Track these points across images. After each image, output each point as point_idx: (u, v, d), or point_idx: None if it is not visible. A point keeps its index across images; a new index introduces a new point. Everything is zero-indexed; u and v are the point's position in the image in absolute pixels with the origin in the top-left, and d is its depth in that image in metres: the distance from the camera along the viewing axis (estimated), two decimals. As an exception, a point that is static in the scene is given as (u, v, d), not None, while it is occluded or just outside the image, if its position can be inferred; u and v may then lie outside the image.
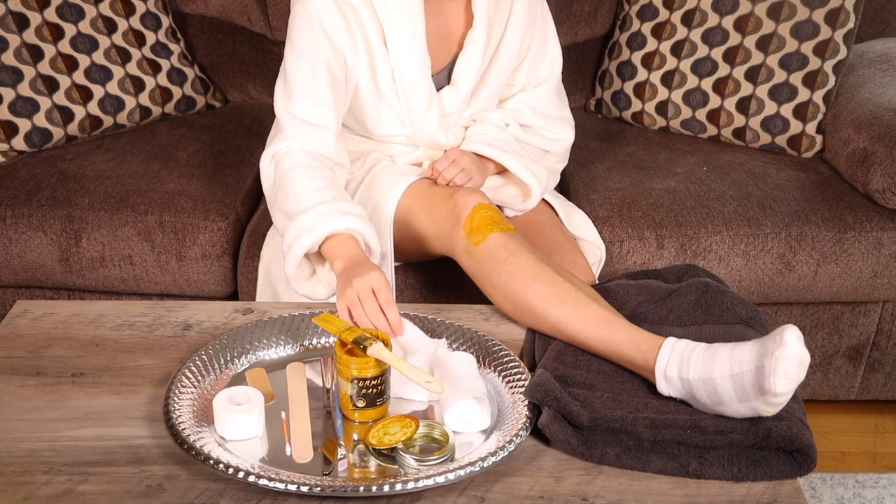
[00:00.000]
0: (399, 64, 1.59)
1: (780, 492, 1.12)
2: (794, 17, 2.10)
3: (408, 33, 1.57)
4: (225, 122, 2.28)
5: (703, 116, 2.19)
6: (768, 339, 1.16)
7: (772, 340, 1.15)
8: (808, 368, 1.81)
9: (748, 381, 1.15)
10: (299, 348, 1.38)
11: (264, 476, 1.09)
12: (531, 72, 1.76)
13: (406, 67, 1.59)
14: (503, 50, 1.68)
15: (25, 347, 1.38)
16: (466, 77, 1.66)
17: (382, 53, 1.58)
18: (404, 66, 1.59)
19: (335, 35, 1.53)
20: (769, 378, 1.13)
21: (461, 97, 1.67)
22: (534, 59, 1.74)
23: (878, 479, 1.95)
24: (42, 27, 2.06)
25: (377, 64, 1.59)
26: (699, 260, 1.88)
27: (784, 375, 1.12)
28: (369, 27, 1.56)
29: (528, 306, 1.38)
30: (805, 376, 1.17)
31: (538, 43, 1.73)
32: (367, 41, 1.57)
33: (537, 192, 1.69)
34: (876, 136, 1.95)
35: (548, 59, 1.77)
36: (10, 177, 1.96)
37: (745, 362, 1.16)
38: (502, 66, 1.69)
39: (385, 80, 1.61)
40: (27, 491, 1.10)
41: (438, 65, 1.66)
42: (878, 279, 1.92)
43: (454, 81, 1.67)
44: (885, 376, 2.08)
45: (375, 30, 1.57)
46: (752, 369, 1.15)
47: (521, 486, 1.13)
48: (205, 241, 1.88)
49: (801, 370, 1.13)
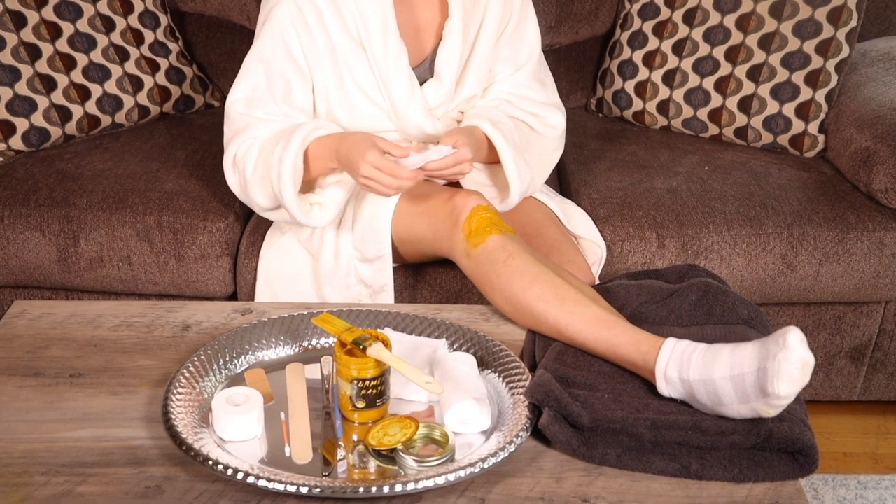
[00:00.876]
0: (376, 58, 1.61)
1: (782, 493, 1.12)
2: (797, 15, 2.09)
3: (379, 27, 1.59)
4: (224, 122, 2.27)
5: (704, 116, 2.19)
6: (770, 340, 1.15)
7: (774, 342, 1.14)
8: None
9: (749, 383, 1.15)
10: (298, 349, 1.37)
11: (263, 477, 1.08)
12: (510, 55, 1.73)
13: (382, 60, 1.61)
14: (483, 36, 1.68)
15: (23, 348, 1.38)
16: (448, 67, 1.66)
17: (357, 50, 1.59)
18: (380, 60, 1.61)
19: (295, 44, 1.59)
20: (772, 381, 1.12)
21: (445, 88, 1.67)
22: (510, 42, 1.72)
23: (881, 481, 1.95)
24: (40, 26, 2.06)
25: (352, 62, 1.61)
26: (700, 260, 1.87)
27: (787, 378, 1.12)
28: (335, 28, 1.58)
29: (527, 308, 1.37)
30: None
31: (514, 23, 1.72)
32: (333, 46, 1.60)
33: (516, 193, 1.65)
34: (878, 136, 1.94)
35: (526, 45, 1.75)
36: (7, 176, 1.95)
37: (746, 363, 1.16)
38: (484, 53, 1.69)
39: (365, 76, 1.62)
40: (25, 492, 1.10)
41: (418, 57, 1.67)
42: (881, 279, 1.91)
43: (437, 73, 1.67)
44: (887, 377, 2.08)
45: (345, 30, 1.59)
46: (754, 370, 1.14)
47: (521, 487, 1.12)
48: (204, 242, 1.87)
49: (804, 373, 1.12)
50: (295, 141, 1.54)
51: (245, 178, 1.62)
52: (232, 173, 1.65)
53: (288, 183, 1.54)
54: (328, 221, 1.62)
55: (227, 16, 2.38)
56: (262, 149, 1.59)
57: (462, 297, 1.76)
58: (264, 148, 1.59)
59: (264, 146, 1.59)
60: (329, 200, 1.62)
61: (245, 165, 1.61)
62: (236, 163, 1.63)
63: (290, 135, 1.55)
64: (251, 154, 1.60)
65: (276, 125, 1.62)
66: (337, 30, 1.59)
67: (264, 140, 1.60)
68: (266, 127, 1.61)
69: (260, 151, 1.59)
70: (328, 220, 1.62)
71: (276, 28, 1.57)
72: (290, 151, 1.54)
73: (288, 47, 1.59)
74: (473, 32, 1.67)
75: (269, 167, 1.56)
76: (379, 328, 1.39)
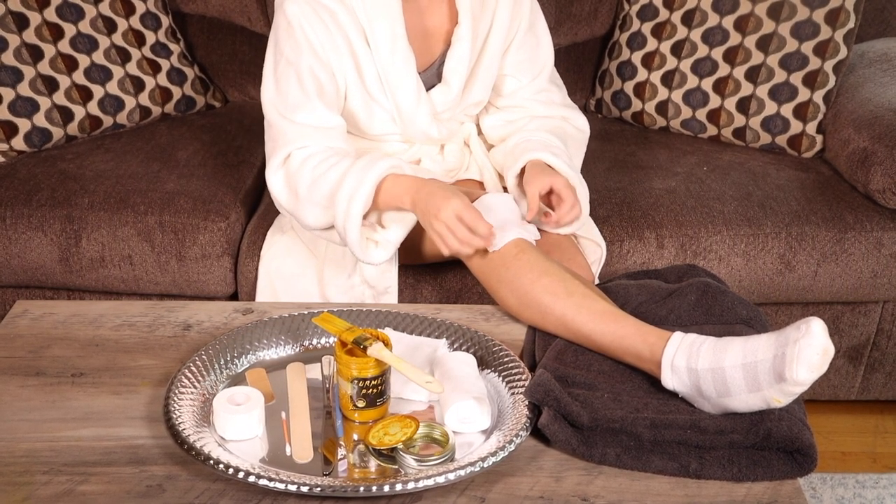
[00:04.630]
0: (383, 63, 1.60)
1: (781, 492, 1.12)
2: (795, 16, 2.10)
3: (388, 32, 1.58)
4: (225, 122, 2.28)
5: (703, 116, 2.19)
6: (790, 328, 1.16)
7: (795, 329, 1.15)
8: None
9: (762, 370, 1.15)
10: (299, 348, 1.38)
11: (264, 476, 1.09)
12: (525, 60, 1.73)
13: (390, 66, 1.60)
14: (491, 42, 1.68)
15: (25, 347, 1.38)
16: (456, 74, 1.66)
17: (366, 54, 1.59)
18: (388, 65, 1.60)
19: (315, 39, 1.55)
20: (791, 365, 1.13)
21: (453, 94, 1.67)
22: (522, 47, 1.72)
23: (879, 480, 1.95)
24: (42, 27, 2.06)
25: (362, 65, 1.60)
26: (699, 260, 1.88)
27: (807, 364, 1.12)
28: (349, 29, 1.57)
29: (534, 300, 1.38)
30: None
31: (524, 29, 1.71)
32: (349, 43, 1.58)
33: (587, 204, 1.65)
34: (876, 136, 1.95)
35: (542, 50, 1.75)
36: (9, 177, 1.96)
37: (761, 351, 1.16)
38: (492, 59, 1.69)
39: (372, 80, 1.62)
40: (27, 491, 1.10)
41: (425, 62, 1.67)
42: (879, 279, 1.92)
43: (445, 79, 1.66)
44: (885, 376, 2.08)
45: (356, 31, 1.58)
46: (770, 357, 1.15)
47: (521, 487, 1.13)
48: (205, 242, 1.87)
49: (824, 360, 1.13)
50: (369, 180, 1.47)
51: (297, 196, 1.54)
52: (283, 188, 1.57)
53: (355, 225, 1.48)
54: (384, 260, 1.56)
55: (228, 17, 2.38)
56: (320, 171, 1.51)
57: (462, 297, 1.77)
58: (325, 173, 1.51)
59: (323, 169, 1.51)
60: (388, 240, 1.56)
61: (297, 184, 1.54)
62: (289, 178, 1.56)
63: (364, 172, 1.47)
64: (304, 173, 1.52)
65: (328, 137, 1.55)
66: (351, 28, 1.57)
67: (320, 160, 1.52)
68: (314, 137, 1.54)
69: (317, 174, 1.51)
70: (385, 259, 1.56)
71: (296, 28, 1.54)
72: (363, 191, 1.47)
73: (311, 44, 1.54)
74: (482, 39, 1.67)
75: (334, 200, 1.49)
76: (379, 328, 1.40)
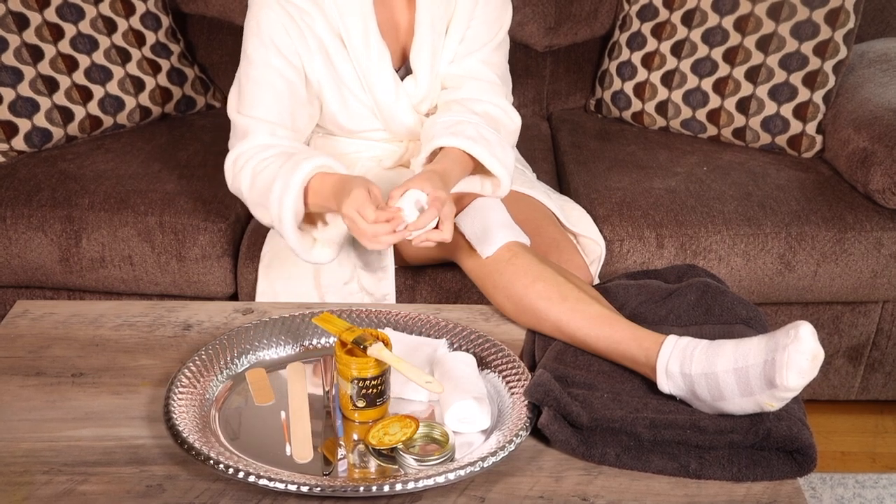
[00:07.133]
0: (359, 60, 1.62)
1: (780, 492, 1.12)
2: (794, 17, 2.10)
3: (360, 28, 1.60)
4: (225, 123, 2.26)
5: (703, 116, 2.19)
6: (780, 333, 1.15)
7: (784, 334, 1.14)
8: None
9: (754, 375, 1.15)
10: (299, 348, 1.38)
11: (264, 476, 1.09)
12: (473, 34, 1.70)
13: (365, 62, 1.62)
14: (453, 28, 1.68)
15: (25, 347, 1.38)
16: (421, 62, 1.66)
17: (341, 52, 1.60)
18: (364, 61, 1.62)
19: (280, 40, 1.57)
20: (781, 372, 1.12)
21: (423, 84, 1.68)
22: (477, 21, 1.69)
23: (878, 480, 1.95)
24: (42, 27, 2.06)
25: (337, 62, 1.62)
26: (699, 259, 1.88)
27: (797, 370, 1.12)
28: (321, 28, 1.59)
29: (529, 305, 1.38)
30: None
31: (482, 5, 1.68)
32: (321, 42, 1.60)
33: (507, 182, 1.59)
34: (876, 136, 1.95)
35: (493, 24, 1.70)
36: (10, 177, 1.96)
37: (752, 356, 1.16)
38: (454, 45, 1.69)
39: (349, 76, 1.63)
40: (27, 491, 1.10)
41: (400, 56, 1.69)
42: (878, 279, 1.92)
43: (413, 69, 1.68)
44: (885, 376, 2.08)
45: (329, 30, 1.60)
46: (760, 363, 1.15)
47: (521, 487, 1.13)
48: (205, 242, 1.88)
49: (814, 365, 1.13)
50: (295, 182, 1.46)
51: (244, 198, 1.57)
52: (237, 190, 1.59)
53: (289, 227, 1.48)
54: (331, 259, 1.57)
55: (228, 17, 2.38)
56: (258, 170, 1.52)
57: (462, 297, 1.77)
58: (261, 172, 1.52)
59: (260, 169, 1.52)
60: (328, 238, 1.55)
61: (241, 185, 1.55)
62: (234, 178, 1.58)
63: (289, 176, 1.46)
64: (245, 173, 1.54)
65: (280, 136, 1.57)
66: (323, 29, 1.60)
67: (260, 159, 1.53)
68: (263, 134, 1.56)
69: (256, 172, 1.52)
70: (330, 259, 1.56)
71: (265, 32, 1.57)
72: (290, 194, 1.46)
73: (279, 48, 1.58)
74: (443, 25, 1.67)
75: (268, 202, 1.49)
76: (379, 328, 1.40)
